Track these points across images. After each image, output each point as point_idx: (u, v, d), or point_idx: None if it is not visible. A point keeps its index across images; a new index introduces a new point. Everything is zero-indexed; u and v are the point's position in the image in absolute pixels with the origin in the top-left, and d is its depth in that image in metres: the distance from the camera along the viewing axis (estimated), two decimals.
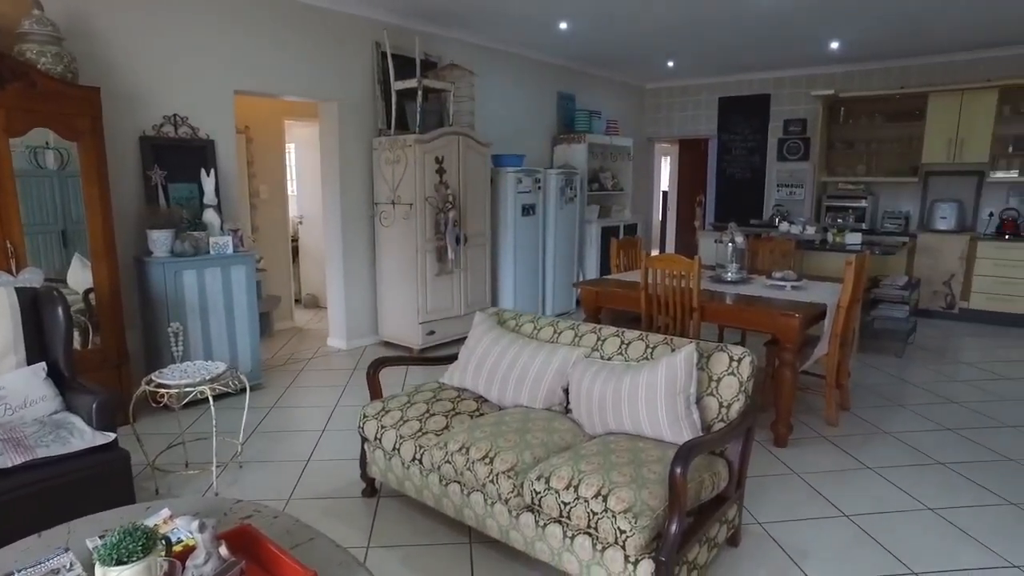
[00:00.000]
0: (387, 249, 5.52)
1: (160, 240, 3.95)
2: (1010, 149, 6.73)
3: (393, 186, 5.33)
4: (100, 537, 1.64)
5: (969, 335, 6.27)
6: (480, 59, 6.38)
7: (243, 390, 3.27)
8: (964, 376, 4.96)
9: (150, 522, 1.72)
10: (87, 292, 3.71)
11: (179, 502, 2.03)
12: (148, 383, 3.01)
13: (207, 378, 3.03)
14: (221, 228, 4.29)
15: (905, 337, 5.61)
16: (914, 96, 7.02)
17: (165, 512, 1.79)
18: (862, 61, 7.34)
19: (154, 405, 3.14)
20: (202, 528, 1.49)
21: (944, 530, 2.78)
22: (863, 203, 7.43)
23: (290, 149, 7.20)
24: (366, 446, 2.95)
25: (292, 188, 7.39)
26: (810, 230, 6.34)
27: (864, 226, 7.25)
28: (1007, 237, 6.61)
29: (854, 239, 6.07)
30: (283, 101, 5.59)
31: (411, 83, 5.25)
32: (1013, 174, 6.71)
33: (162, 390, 2.97)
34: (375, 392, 3.06)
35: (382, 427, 2.79)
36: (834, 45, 6.54)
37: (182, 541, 1.67)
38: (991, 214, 6.95)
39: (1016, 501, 3.04)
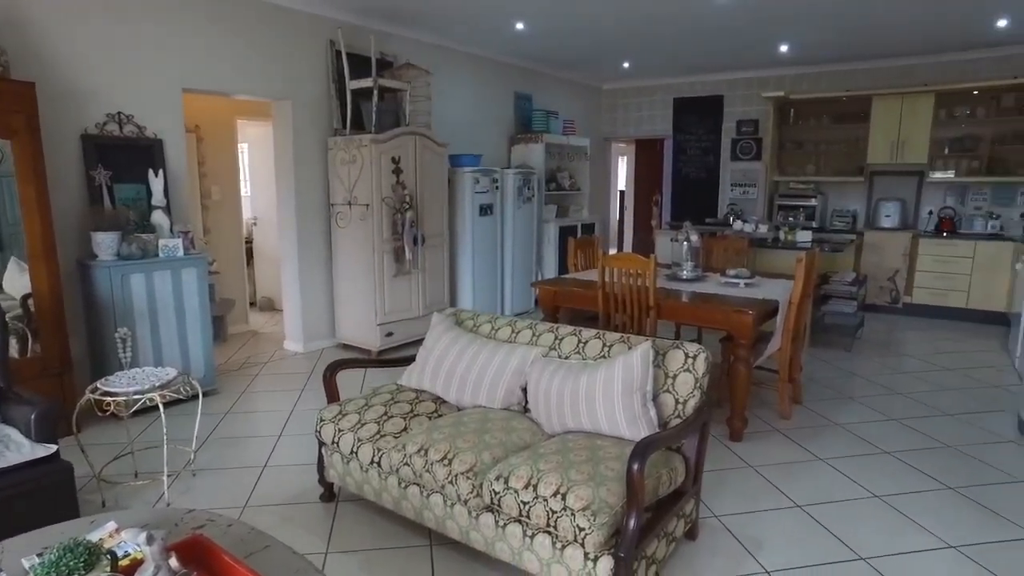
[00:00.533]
0: (344, 250, 5.44)
1: (105, 243, 3.81)
2: (946, 151, 7.03)
3: (349, 187, 5.26)
4: (38, 555, 1.56)
5: (912, 329, 6.52)
6: (437, 59, 6.35)
7: (195, 396, 3.18)
8: (908, 368, 5.15)
9: (94, 537, 1.65)
10: (25, 297, 3.56)
11: (127, 514, 1.97)
12: (93, 391, 2.89)
13: (156, 385, 2.93)
14: (171, 230, 4.17)
15: (853, 332, 5.80)
16: (859, 99, 7.27)
17: (111, 525, 1.72)
18: (810, 64, 7.56)
19: (100, 414, 3.02)
20: (150, 540, 1.44)
21: (889, 516, 2.88)
22: (813, 202, 7.65)
23: (243, 149, 7.03)
24: (323, 450, 2.90)
25: (245, 189, 7.23)
26: (763, 228, 6.50)
27: (814, 224, 7.47)
28: (945, 235, 6.90)
29: (805, 237, 6.24)
30: (235, 100, 5.46)
31: (366, 82, 5.19)
32: (950, 175, 7.01)
33: (108, 398, 2.86)
34: (332, 395, 3.02)
35: (339, 430, 2.75)
36: (784, 48, 6.72)
37: (129, 555, 1.60)
38: (931, 213, 7.25)
39: (953, 485, 3.17)
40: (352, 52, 5.36)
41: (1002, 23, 5.67)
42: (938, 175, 7.06)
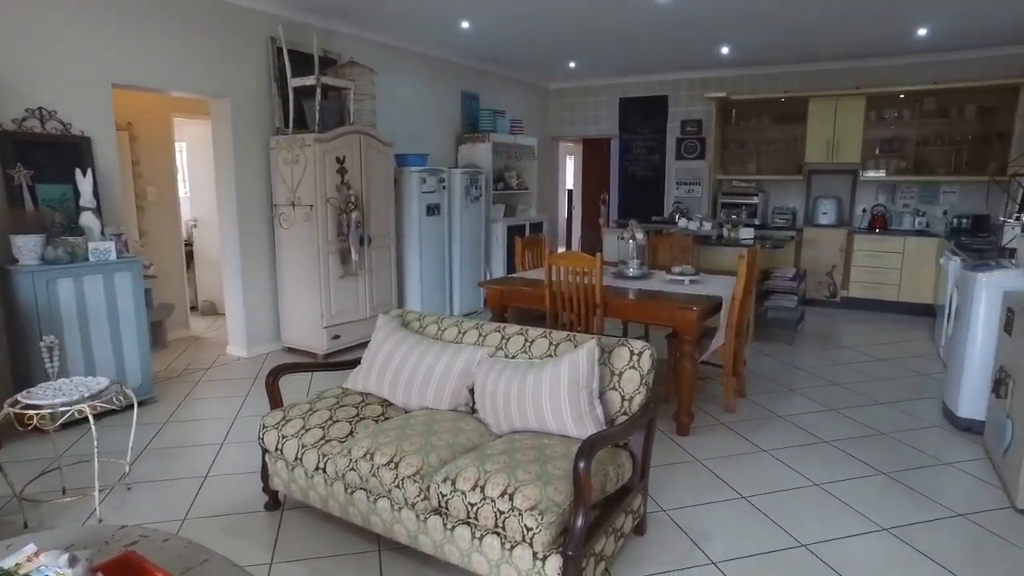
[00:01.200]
0: (288, 252, 5.31)
1: (27, 246, 3.61)
2: (877, 151, 7.35)
3: (292, 187, 5.13)
4: None
5: (849, 321, 6.78)
6: (382, 57, 6.26)
7: (131, 406, 3.04)
8: (845, 359, 5.35)
9: (8, 562, 1.55)
10: None
11: (51, 534, 1.86)
12: (13, 404, 2.73)
13: (86, 395, 2.79)
14: (102, 232, 3.98)
15: (795, 325, 6.00)
16: (796, 100, 7.52)
17: (30, 548, 1.62)
18: (751, 66, 7.78)
19: (22, 429, 2.85)
20: (73, 562, 1.36)
21: (827, 503, 2.99)
22: (755, 200, 7.87)
23: (181, 148, 6.79)
24: (267, 457, 2.82)
25: (184, 189, 6.98)
26: (707, 226, 6.64)
27: (756, 222, 7.68)
28: (877, 231, 7.20)
29: (747, 234, 6.41)
30: (171, 97, 5.27)
31: (309, 80, 5.07)
32: (881, 174, 7.32)
33: (31, 411, 2.71)
34: (275, 401, 2.94)
35: (283, 437, 2.68)
36: (725, 50, 6.89)
37: None
38: (864, 210, 7.55)
39: (886, 471, 3.31)
40: (294, 49, 5.24)
41: (922, 32, 5.96)
42: (870, 174, 7.37)
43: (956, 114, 6.95)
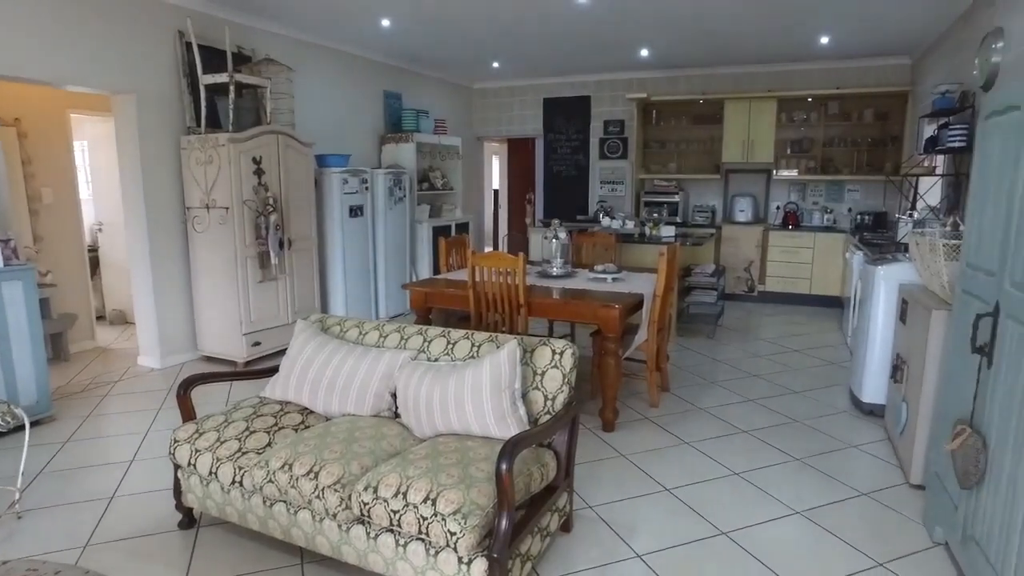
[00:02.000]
0: (203, 256, 5.07)
1: None
2: (788, 151, 7.73)
3: (206, 189, 4.90)
4: None
5: (766, 315, 7.09)
6: (300, 54, 6.07)
7: (22, 427, 2.82)
8: (762, 351, 5.59)
9: None
10: None
11: None
12: None
13: None
14: None
15: (715, 320, 6.21)
16: (714, 102, 7.80)
17: None
18: (670, 68, 8.00)
19: None
20: None
21: (747, 491, 3.10)
22: (676, 198, 8.11)
23: (82, 147, 6.37)
24: (180, 473, 2.68)
25: (87, 191, 6.55)
26: (629, 224, 6.78)
27: (678, 219, 7.93)
28: (790, 228, 7.57)
29: (668, 232, 6.59)
30: (67, 92, 4.92)
31: (221, 77, 4.86)
32: (793, 173, 7.69)
33: None
34: (187, 413, 2.79)
35: (196, 451, 2.55)
36: (645, 53, 7.06)
37: None
38: (778, 207, 7.92)
39: (799, 456, 3.47)
40: (205, 44, 5.01)
41: (824, 40, 6.30)
42: (783, 173, 7.73)
43: (857, 118, 7.41)
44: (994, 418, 2.09)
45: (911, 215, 5.53)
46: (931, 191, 5.78)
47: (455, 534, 1.95)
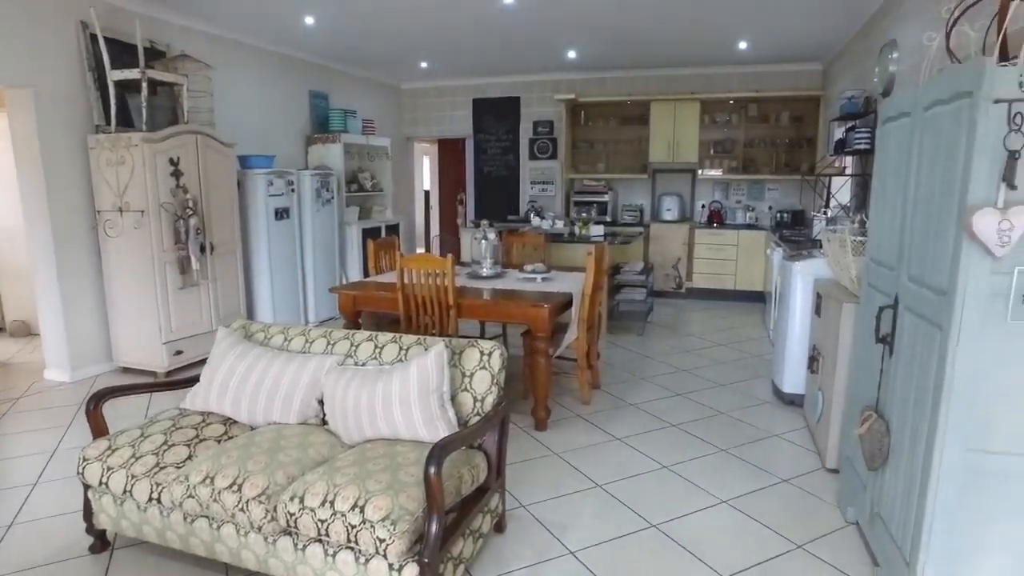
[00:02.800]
0: (117, 262, 4.80)
1: None
2: (712, 152, 8.00)
3: (119, 191, 4.65)
4: None
5: (694, 311, 7.32)
6: (219, 51, 5.85)
7: None
8: (690, 346, 5.76)
9: None
10: None
11: None
12: None
13: None
14: None
15: (644, 317, 6.36)
16: (640, 103, 7.99)
17: None
18: (597, 70, 8.14)
19: None
20: None
21: (675, 483, 3.19)
22: (605, 198, 8.26)
23: None
24: (90, 493, 2.53)
25: None
26: (559, 224, 6.87)
27: (607, 218, 8.08)
28: (715, 226, 7.84)
29: (598, 231, 6.71)
30: None
31: (133, 73, 4.62)
32: (717, 172, 7.97)
33: None
34: (98, 429, 2.64)
35: (108, 468, 2.41)
36: (572, 54, 7.15)
37: None
38: (703, 206, 8.18)
39: (724, 447, 3.60)
40: (114, 38, 4.75)
41: (743, 45, 6.56)
42: (708, 172, 8.00)
43: (775, 120, 7.75)
44: (895, 403, 2.22)
45: (825, 213, 5.83)
46: (842, 190, 6.11)
47: (384, 541, 1.92)
